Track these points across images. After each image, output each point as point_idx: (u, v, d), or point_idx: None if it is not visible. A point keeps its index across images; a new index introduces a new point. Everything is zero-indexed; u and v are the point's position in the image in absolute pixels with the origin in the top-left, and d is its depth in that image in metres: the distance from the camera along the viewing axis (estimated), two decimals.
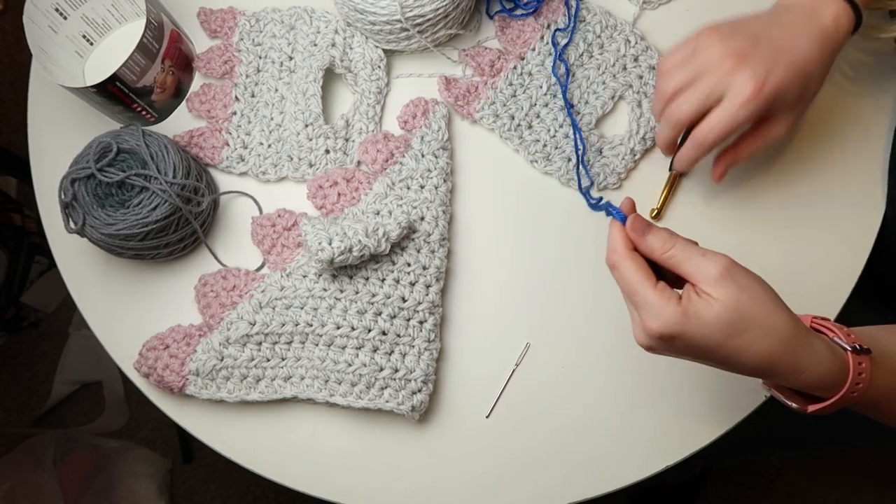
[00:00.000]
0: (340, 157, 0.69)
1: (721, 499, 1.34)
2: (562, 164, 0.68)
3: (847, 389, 0.45)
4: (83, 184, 0.61)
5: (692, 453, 0.63)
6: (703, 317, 0.43)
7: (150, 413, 1.38)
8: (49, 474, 1.22)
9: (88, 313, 0.68)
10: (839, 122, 0.70)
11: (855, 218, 0.68)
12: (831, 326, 0.48)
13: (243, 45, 0.72)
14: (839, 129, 0.69)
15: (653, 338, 0.45)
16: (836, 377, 0.46)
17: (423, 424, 0.64)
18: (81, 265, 0.69)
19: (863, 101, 0.70)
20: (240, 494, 1.36)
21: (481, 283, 0.67)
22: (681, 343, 0.45)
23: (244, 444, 0.64)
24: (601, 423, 0.64)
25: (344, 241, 0.60)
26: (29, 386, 1.41)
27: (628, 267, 0.47)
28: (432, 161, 0.67)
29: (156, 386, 0.63)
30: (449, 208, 0.67)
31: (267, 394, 0.62)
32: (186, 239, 0.66)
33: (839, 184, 0.68)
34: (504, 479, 0.63)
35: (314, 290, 0.62)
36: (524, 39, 0.71)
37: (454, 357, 0.65)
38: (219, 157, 0.70)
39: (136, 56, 0.64)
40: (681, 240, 0.46)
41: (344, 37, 0.70)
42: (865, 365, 0.46)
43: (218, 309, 0.63)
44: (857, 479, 1.35)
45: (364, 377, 0.61)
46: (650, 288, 0.45)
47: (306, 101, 0.69)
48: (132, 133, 0.63)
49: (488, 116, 0.69)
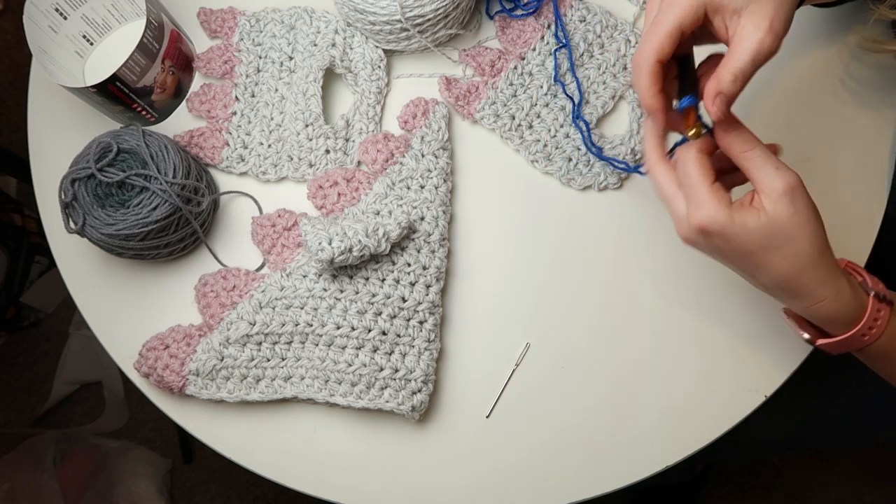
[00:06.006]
0: (340, 157, 0.69)
1: (721, 499, 1.34)
2: (562, 163, 0.68)
3: (858, 329, 0.48)
4: (83, 184, 0.61)
5: (692, 453, 0.63)
6: (748, 224, 0.45)
7: (150, 413, 1.38)
8: (49, 474, 1.22)
9: (88, 313, 0.68)
10: (842, 132, 0.70)
11: (855, 216, 0.68)
12: (863, 272, 0.51)
13: (243, 45, 0.72)
14: (842, 140, 0.69)
15: (695, 230, 0.47)
16: (852, 316, 0.48)
17: (423, 424, 0.64)
18: (81, 265, 0.69)
19: (866, 113, 0.70)
20: (240, 494, 1.36)
21: (481, 283, 0.67)
22: (719, 241, 0.46)
23: (244, 444, 0.64)
24: (601, 423, 0.64)
25: (344, 241, 0.60)
26: (29, 386, 1.41)
27: (694, 158, 0.47)
28: (432, 161, 0.67)
29: (156, 386, 0.63)
30: (449, 208, 0.67)
31: (267, 394, 0.62)
32: (186, 239, 0.66)
33: (840, 183, 0.68)
34: (504, 479, 0.63)
35: (314, 290, 0.62)
36: (524, 39, 0.71)
37: (454, 357, 0.65)
38: (219, 157, 0.70)
39: (136, 56, 0.64)
40: (761, 145, 0.47)
41: (344, 37, 0.70)
42: (884, 313, 0.48)
43: (218, 309, 0.63)
44: (857, 478, 1.35)
45: (364, 377, 0.61)
46: (707, 184, 0.46)
47: (306, 101, 0.69)
48: (132, 133, 0.63)
49: (489, 116, 0.69)
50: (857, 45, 0.70)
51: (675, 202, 0.49)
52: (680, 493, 1.29)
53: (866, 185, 0.68)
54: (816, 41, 0.72)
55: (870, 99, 0.70)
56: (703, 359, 0.64)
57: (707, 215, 0.46)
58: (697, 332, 0.65)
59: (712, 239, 0.47)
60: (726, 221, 0.45)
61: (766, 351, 0.64)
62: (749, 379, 0.64)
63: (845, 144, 0.69)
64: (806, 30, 0.72)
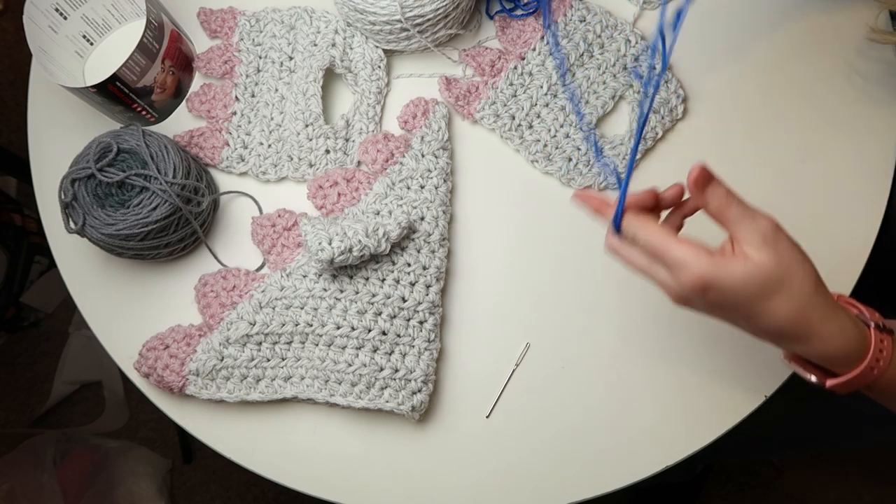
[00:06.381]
0: (340, 157, 0.69)
1: (721, 499, 1.34)
2: (562, 163, 0.68)
3: (867, 364, 0.46)
4: (83, 184, 0.61)
5: (692, 453, 0.63)
6: (737, 274, 0.44)
7: (150, 413, 1.38)
8: (49, 474, 1.22)
9: (88, 313, 0.68)
10: (845, 125, 0.70)
11: (856, 216, 0.68)
12: (857, 304, 0.50)
13: (243, 45, 0.72)
14: (845, 134, 0.69)
15: (687, 288, 0.45)
16: (857, 351, 0.46)
17: (423, 424, 0.64)
18: (81, 265, 0.69)
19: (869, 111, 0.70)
20: (240, 494, 1.36)
21: (481, 283, 0.67)
22: (714, 295, 0.45)
23: (244, 444, 0.64)
24: (601, 423, 0.64)
25: (344, 241, 0.60)
26: (29, 386, 1.41)
27: (652, 227, 0.47)
28: (432, 161, 0.67)
29: (156, 386, 0.63)
30: (449, 208, 0.67)
31: (267, 394, 0.62)
32: (186, 239, 0.66)
33: (840, 183, 0.68)
34: (504, 479, 0.63)
35: (314, 290, 0.62)
36: (524, 39, 0.71)
37: (454, 357, 0.65)
38: (219, 157, 0.70)
39: (136, 56, 0.64)
40: (736, 198, 0.46)
41: (344, 37, 0.70)
42: (887, 343, 0.47)
43: (218, 309, 0.63)
44: (857, 478, 1.35)
45: (364, 377, 0.61)
46: (677, 242, 0.45)
47: (306, 101, 0.69)
48: (132, 133, 0.63)
49: (489, 116, 0.69)
50: (866, 37, 0.70)
51: (654, 271, 0.47)
52: (680, 493, 1.29)
53: (868, 182, 0.68)
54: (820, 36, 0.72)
55: (874, 95, 0.70)
56: (703, 359, 0.64)
57: (696, 271, 0.44)
58: (697, 331, 0.65)
59: (707, 294, 0.45)
60: (716, 272, 0.44)
61: (766, 351, 0.64)
62: (749, 379, 0.64)
63: (847, 142, 0.69)
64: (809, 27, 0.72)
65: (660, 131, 0.69)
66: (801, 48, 0.72)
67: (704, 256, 0.44)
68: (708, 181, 0.46)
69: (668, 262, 0.46)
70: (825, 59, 0.72)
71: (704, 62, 0.72)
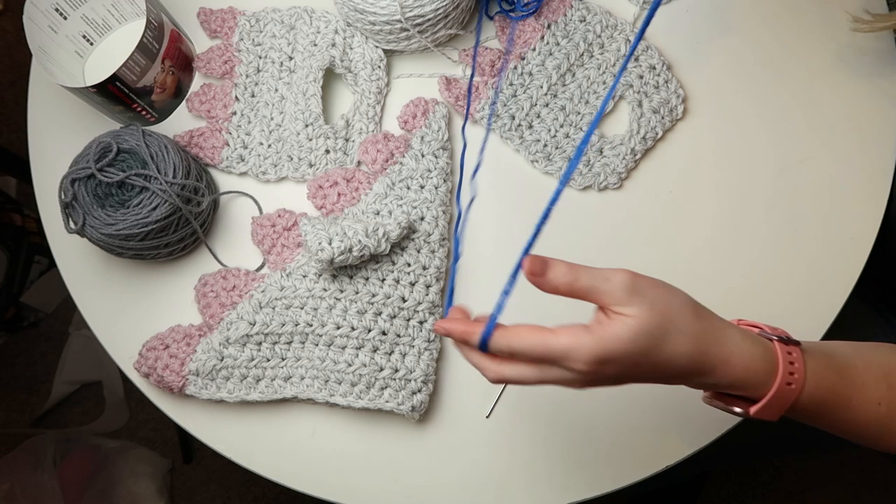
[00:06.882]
0: (340, 157, 0.69)
1: (721, 499, 1.34)
2: (562, 163, 0.68)
3: (781, 379, 0.45)
4: (83, 184, 0.61)
5: (692, 453, 0.63)
6: (622, 335, 0.43)
7: (150, 413, 1.38)
8: (49, 474, 1.22)
9: (88, 313, 0.68)
10: (845, 125, 0.70)
11: (856, 216, 0.68)
12: (757, 324, 0.49)
13: (243, 45, 0.72)
14: (845, 133, 0.70)
15: (585, 372, 0.43)
16: (766, 369, 0.45)
17: (423, 424, 0.64)
18: (81, 265, 0.69)
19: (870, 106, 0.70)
20: (240, 494, 1.36)
21: (481, 283, 0.67)
22: (612, 367, 0.43)
23: (244, 444, 0.64)
24: (601, 423, 0.64)
25: (344, 241, 0.60)
26: (29, 386, 1.41)
27: (523, 331, 0.45)
28: (432, 161, 0.67)
29: (156, 386, 0.63)
30: (449, 208, 0.67)
31: (267, 394, 0.62)
32: (186, 239, 0.66)
33: (840, 183, 0.68)
34: (504, 479, 0.63)
35: (314, 290, 0.62)
36: (524, 40, 0.71)
37: (454, 357, 0.65)
38: (219, 157, 0.70)
39: (136, 56, 0.64)
40: (581, 267, 0.45)
41: (344, 37, 0.70)
42: (796, 355, 0.45)
43: (218, 309, 0.63)
44: (857, 479, 1.35)
45: (364, 377, 0.61)
46: (554, 335, 0.44)
47: (306, 101, 0.69)
48: (132, 133, 0.63)
49: (489, 116, 0.69)
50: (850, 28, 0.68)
51: (547, 374, 0.45)
52: (679, 494, 1.29)
53: (868, 182, 0.68)
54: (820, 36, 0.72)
55: (874, 95, 0.70)
56: None
57: (586, 353, 0.42)
58: None
59: (605, 368, 0.43)
60: (604, 343, 0.42)
61: None
62: None
63: (848, 142, 0.69)
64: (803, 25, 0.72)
65: (660, 131, 0.69)
66: (801, 48, 0.72)
67: (585, 335, 0.43)
68: (543, 266, 0.45)
69: (555, 358, 0.44)
70: (825, 59, 0.72)
71: (704, 62, 0.72)
